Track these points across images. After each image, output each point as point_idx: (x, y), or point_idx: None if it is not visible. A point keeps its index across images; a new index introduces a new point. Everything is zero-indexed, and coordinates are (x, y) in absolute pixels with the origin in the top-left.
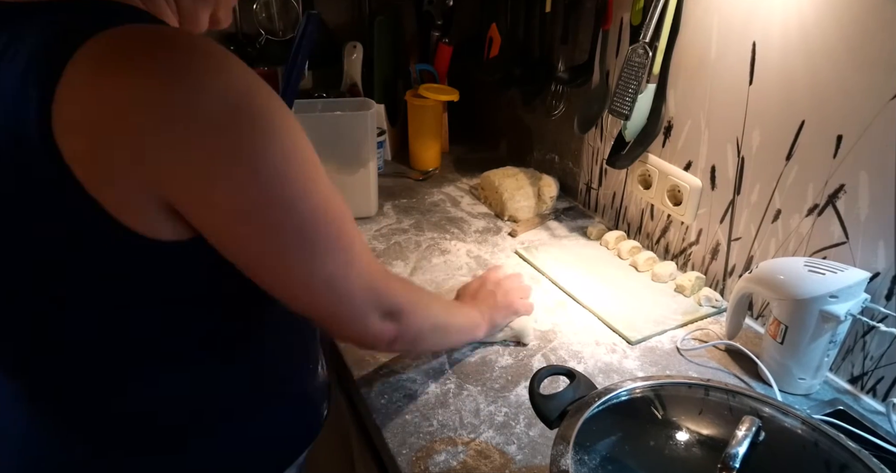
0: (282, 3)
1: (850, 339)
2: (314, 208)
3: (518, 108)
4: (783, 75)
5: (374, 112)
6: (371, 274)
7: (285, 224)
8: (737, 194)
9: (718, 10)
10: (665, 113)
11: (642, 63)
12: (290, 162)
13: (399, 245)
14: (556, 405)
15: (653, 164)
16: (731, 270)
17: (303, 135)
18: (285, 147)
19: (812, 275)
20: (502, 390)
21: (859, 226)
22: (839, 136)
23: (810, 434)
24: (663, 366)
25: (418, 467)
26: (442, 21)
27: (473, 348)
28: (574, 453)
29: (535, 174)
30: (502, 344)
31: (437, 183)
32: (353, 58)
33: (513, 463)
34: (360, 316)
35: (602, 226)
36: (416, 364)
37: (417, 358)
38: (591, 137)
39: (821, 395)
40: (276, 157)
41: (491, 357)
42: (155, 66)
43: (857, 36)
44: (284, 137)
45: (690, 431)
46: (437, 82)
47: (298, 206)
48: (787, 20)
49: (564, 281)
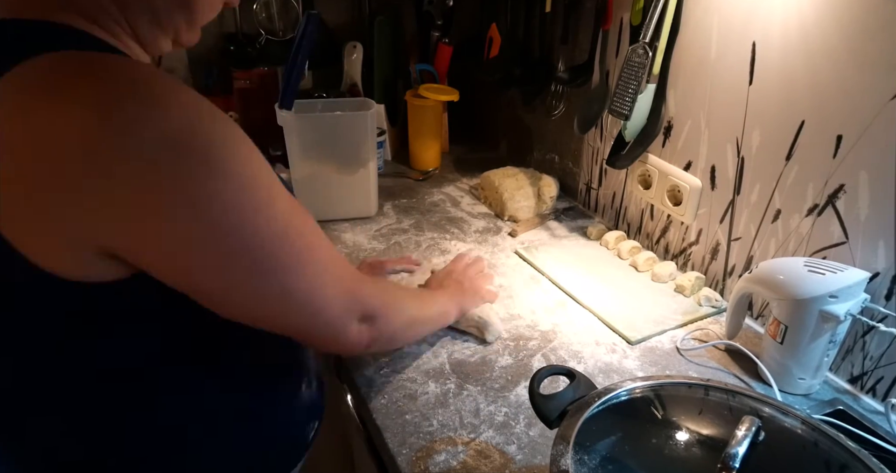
0: (282, 3)
1: (849, 339)
2: (275, 233)
3: (518, 108)
4: (783, 75)
5: (374, 112)
6: (344, 282)
7: (248, 255)
8: (737, 194)
9: (718, 10)
10: (665, 113)
11: (642, 63)
12: (242, 192)
13: (399, 245)
14: (556, 405)
15: (653, 164)
16: (731, 270)
17: (256, 158)
18: (235, 177)
19: (812, 275)
20: (502, 390)
21: (859, 226)
22: (839, 136)
23: (810, 434)
24: (663, 366)
25: (418, 467)
26: (442, 21)
27: (473, 348)
28: (574, 453)
29: (535, 174)
30: (481, 343)
31: (437, 183)
32: (353, 58)
33: (513, 463)
34: (338, 325)
35: (602, 226)
36: (416, 364)
37: (417, 358)
38: (591, 137)
39: (821, 395)
40: (226, 191)
41: (491, 357)
42: (84, 100)
43: (857, 36)
44: (233, 167)
45: (690, 431)
46: (437, 82)
47: (260, 233)
48: (787, 20)
49: (564, 281)
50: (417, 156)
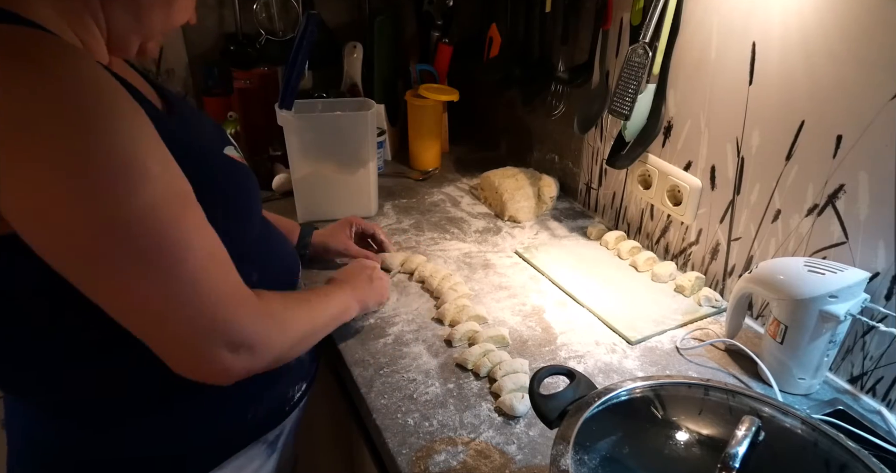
0: (282, 3)
1: (849, 339)
2: (122, 235)
3: (518, 108)
4: (783, 75)
5: (374, 112)
6: (211, 303)
7: (84, 253)
8: (737, 194)
9: (718, 10)
10: (665, 113)
11: (642, 63)
12: (73, 180)
13: (399, 245)
14: (556, 405)
15: (653, 164)
16: (731, 270)
17: (139, 145)
18: (65, 164)
19: (812, 275)
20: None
21: (859, 226)
22: (839, 136)
23: (810, 434)
24: (663, 366)
25: (418, 467)
26: (442, 21)
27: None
28: (574, 453)
29: (535, 174)
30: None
31: (437, 183)
32: (353, 58)
33: (513, 463)
34: (200, 352)
35: (602, 226)
36: (416, 364)
37: (417, 358)
38: (591, 137)
39: (820, 395)
40: (57, 179)
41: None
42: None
43: (857, 36)
44: (102, 142)
45: (690, 431)
46: (437, 82)
47: (102, 232)
48: (787, 20)
49: (564, 281)
50: (417, 156)
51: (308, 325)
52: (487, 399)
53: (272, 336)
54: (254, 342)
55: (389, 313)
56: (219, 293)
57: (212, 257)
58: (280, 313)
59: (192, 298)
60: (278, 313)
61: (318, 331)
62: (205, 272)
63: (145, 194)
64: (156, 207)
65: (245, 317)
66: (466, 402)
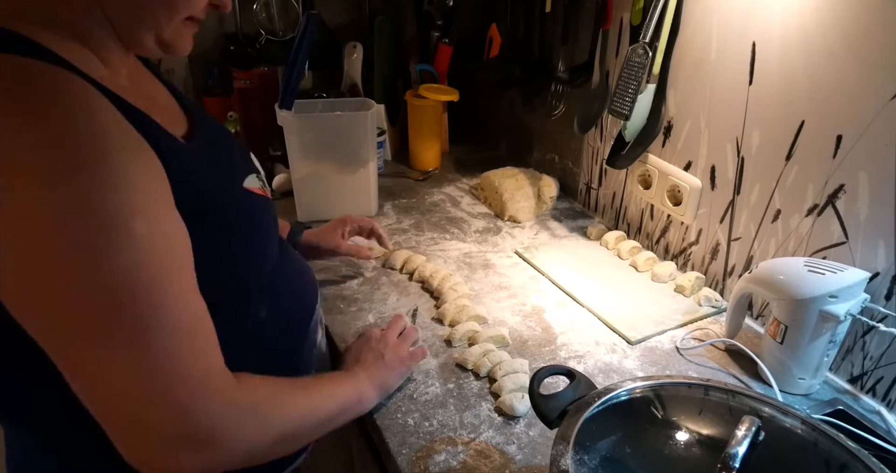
0: (282, 3)
1: (849, 339)
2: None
3: (518, 108)
4: (783, 75)
5: (374, 112)
6: (177, 390)
7: (67, 303)
8: (737, 194)
9: (718, 10)
10: (665, 113)
11: (642, 63)
12: (81, 228)
13: (399, 245)
14: (556, 405)
15: (653, 164)
16: (731, 270)
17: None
18: (77, 207)
19: (812, 275)
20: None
21: (859, 226)
22: (839, 136)
23: (810, 434)
24: (663, 366)
25: (418, 467)
26: (442, 21)
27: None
28: (574, 453)
29: (535, 174)
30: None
31: (437, 183)
32: (353, 58)
33: (513, 463)
34: (148, 441)
35: (602, 226)
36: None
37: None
38: (591, 137)
39: (820, 395)
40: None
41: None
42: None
43: (857, 36)
44: (80, 195)
45: (690, 431)
46: (437, 82)
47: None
48: (787, 20)
49: (564, 281)
50: (417, 156)
51: (301, 419)
52: (487, 399)
53: (244, 431)
54: (216, 437)
55: (389, 313)
56: (186, 376)
57: (188, 334)
58: (264, 403)
59: (151, 380)
60: (262, 403)
61: (318, 426)
62: (174, 350)
63: (123, 257)
64: (130, 273)
65: (211, 406)
66: (466, 402)
